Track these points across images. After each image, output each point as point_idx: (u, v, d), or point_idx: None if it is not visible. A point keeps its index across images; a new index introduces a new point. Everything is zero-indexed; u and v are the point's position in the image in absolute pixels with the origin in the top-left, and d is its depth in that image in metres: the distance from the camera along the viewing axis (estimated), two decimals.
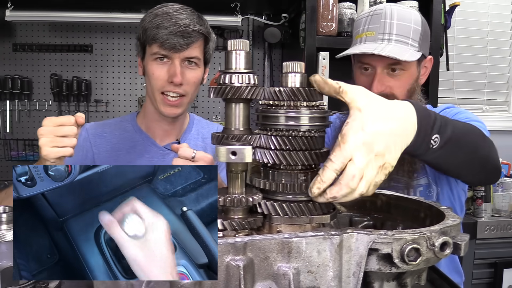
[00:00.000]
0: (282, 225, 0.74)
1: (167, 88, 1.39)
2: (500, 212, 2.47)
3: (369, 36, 1.37)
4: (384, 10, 1.37)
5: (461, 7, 2.73)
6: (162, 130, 1.52)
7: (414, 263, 0.65)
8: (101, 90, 2.98)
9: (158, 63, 1.39)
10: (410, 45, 1.34)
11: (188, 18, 1.38)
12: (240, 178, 0.75)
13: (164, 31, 1.34)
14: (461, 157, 0.97)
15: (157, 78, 1.39)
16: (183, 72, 1.39)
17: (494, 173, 1.20)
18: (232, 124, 0.75)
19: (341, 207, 0.91)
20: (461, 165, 1.02)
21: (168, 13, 1.37)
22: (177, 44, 1.35)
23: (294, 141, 0.72)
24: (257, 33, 3.01)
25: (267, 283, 0.65)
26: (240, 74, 0.73)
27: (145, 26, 1.38)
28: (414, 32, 1.36)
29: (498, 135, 3.16)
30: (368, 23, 1.39)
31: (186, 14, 1.39)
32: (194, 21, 1.39)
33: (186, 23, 1.36)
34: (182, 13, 1.38)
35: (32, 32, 2.89)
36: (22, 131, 2.93)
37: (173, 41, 1.34)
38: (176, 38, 1.34)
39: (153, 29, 1.35)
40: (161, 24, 1.34)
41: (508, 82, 3.33)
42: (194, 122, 1.63)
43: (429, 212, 0.83)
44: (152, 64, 1.39)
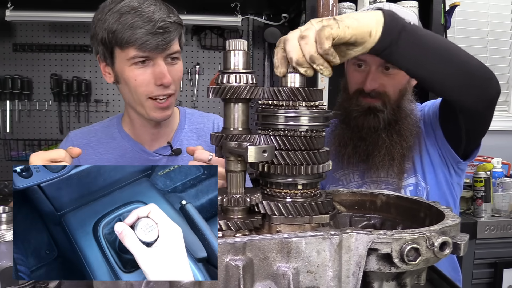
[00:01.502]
0: (282, 225, 0.74)
1: (156, 93, 1.23)
2: (500, 212, 2.47)
3: None
4: (383, 8, 1.37)
5: (461, 7, 2.73)
6: (149, 135, 1.37)
7: (414, 263, 0.65)
8: (101, 90, 2.98)
9: (139, 67, 1.21)
10: None
11: (160, 11, 1.19)
12: (240, 178, 0.75)
13: (140, 31, 1.15)
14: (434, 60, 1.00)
15: (141, 84, 1.21)
16: (169, 70, 1.23)
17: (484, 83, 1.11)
18: (231, 124, 0.76)
19: (341, 207, 0.91)
20: (436, 71, 1.03)
21: (136, 8, 1.17)
22: (160, 44, 1.17)
23: (293, 141, 0.72)
24: (257, 33, 3.01)
25: (267, 283, 0.65)
26: (238, 74, 0.73)
27: (111, 28, 1.18)
28: None
29: (498, 135, 3.17)
30: None
31: (154, 6, 1.19)
32: (165, 11, 1.20)
33: (161, 17, 1.17)
34: (150, 5, 1.18)
35: (32, 32, 2.89)
36: (22, 131, 2.93)
37: (154, 41, 1.16)
38: (156, 37, 1.16)
39: (125, 30, 1.16)
40: (134, 23, 1.15)
41: (508, 82, 3.33)
42: (186, 118, 1.46)
43: (428, 212, 0.83)
44: (132, 70, 1.21)
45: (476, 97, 1.13)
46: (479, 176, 2.42)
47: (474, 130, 1.29)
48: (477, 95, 1.12)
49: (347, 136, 1.41)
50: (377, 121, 1.35)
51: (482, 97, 1.14)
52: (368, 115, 1.35)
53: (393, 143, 1.36)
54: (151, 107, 1.25)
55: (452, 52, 1.04)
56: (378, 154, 1.36)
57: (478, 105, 1.16)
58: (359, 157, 1.40)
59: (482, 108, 1.18)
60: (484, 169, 2.52)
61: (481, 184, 2.41)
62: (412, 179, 1.41)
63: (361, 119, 1.36)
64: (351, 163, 1.42)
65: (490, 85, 1.13)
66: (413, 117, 1.40)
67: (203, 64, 3.03)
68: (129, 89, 1.24)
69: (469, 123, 1.26)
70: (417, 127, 1.41)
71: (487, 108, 1.19)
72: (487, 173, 2.46)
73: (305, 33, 0.78)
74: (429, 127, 1.41)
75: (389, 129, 1.36)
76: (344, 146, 1.41)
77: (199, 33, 2.96)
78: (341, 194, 0.93)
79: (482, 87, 1.12)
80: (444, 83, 1.07)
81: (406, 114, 1.38)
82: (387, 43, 0.90)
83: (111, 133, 1.41)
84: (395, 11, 1.35)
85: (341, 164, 1.45)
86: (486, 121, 1.25)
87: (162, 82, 1.21)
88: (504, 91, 3.32)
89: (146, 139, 1.38)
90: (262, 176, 0.78)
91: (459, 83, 1.08)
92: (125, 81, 1.23)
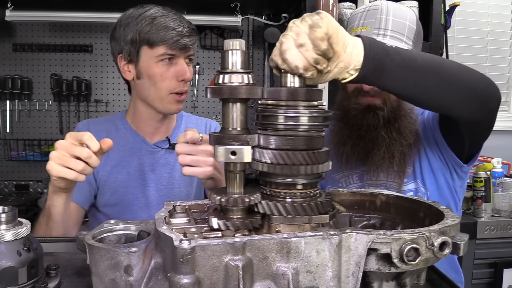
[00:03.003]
0: (281, 225, 0.74)
1: (178, 88, 1.40)
2: (500, 212, 2.46)
3: (364, 31, 1.36)
4: (381, 6, 1.36)
5: (461, 7, 2.73)
6: (152, 128, 1.51)
7: (413, 263, 0.65)
8: (101, 90, 2.98)
9: (165, 64, 1.38)
10: (405, 43, 1.34)
11: (182, 19, 1.41)
12: (239, 178, 0.75)
13: (173, 32, 1.35)
14: (424, 79, 0.96)
15: (166, 79, 1.38)
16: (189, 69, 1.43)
17: (483, 94, 1.07)
18: (230, 124, 0.75)
19: (340, 207, 0.91)
20: (428, 90, 0.99)
21: (166, 14, 1.39)
22: (187, 44, 1.38)
23: (293, 141, 0.72)
24: (257, 33, 3.01)
25: (266, 283, 0.65)
26: (236, 74, 0.73)
27: (144, 29, 1.36)
28: (409, 30, 1.35)
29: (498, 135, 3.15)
30: (363, 18, 1.38)
31: (176, 15, 1.41)
32: (185, 20, 1.42)
33: (186, 23, 1.40)
34: (174, 14, 1.41)
35: (32, 32, 2.90)
36: (22, 131, 2.94)
37: (184, 41, 1.36)
38: (184, 38, 1.37)
39: (159, 31, 1.35)
40: (168, 25, 1.36)
41: (508, 82, 3.33)
42: (183, 119, 1.62)
43: (428, 211, 0.83)
44: (158, 66, 1.38)
45: (476, 110, 1.09)
46: (479, 176, 2.42)
47: (477, 137, 1.26)
48: (476, 108, 1.09)
49: (346, 134, 1.40)
50: (376, 119, 1.34)
51: (482, 108, 1.10)
52: (367, 113, 1.34)
53: (393, 141, 1.34)
54: (171, 100, 1.41)
55: (444, 69, 1.00)
56: (378, 152, 1.35)
57: (478, 116, 1.12)
58: (358, 155, 1.39)
59: (483, 118, 1.14)
60: (484, 169, 2.51)
61: (481, 184, 2.41)
62: (412, 184, 1.40)
63: (360, 117, 1.35)
64: (350, 162, 1.41)
65: (490, 95, 1.10)
66: (413, 115, 1.39)
67: (203, 64, 3.03)
68: (151, 84, 1.40)
69: (472, 133, 1.23)
70: (416, 125, 1.40)
71: (489, 117, 1.15)
72: (487, 173, 2.46)
73: (302, 40, 0.76)
74: (429, 132, 1.39)
75: (389, 126, 1.35)
76: (343, 145, 1.40)
77: (199, 33, 2.95)
78: (340, 194, 0.93)
79: (481, 99, 1.08)
80: (439, 100, 1.03)
81: (405, 112, 1.37)
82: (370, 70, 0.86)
83: (115, 125, 1.54)
84: (394, 9, 1.36)
85: (340, 164, 1.43)
86: (489, 127, 1.22)
87: (184, 78, 1.39)
88: (504, 91, 3.32)
89: (147, 132, 1.52)
90: (262, 176, 0.78)
91: (455, 98, 1.04)
92: (150, 76, 1.39)
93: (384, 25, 1.33)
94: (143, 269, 0.68)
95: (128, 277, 0.68)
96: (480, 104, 1.09)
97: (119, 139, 1.48)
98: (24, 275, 0.72)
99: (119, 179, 1.46)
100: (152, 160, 1.50)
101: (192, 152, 1.13)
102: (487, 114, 1.14)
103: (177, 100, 1.42)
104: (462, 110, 1.09)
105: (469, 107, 1.08)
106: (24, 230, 0.73)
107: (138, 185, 1.47)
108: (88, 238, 0.74)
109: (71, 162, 1.01)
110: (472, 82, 1.06)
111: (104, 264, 0.69)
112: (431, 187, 1.39)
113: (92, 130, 1.45)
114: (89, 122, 1.59)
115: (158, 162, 1.51)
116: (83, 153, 1.01)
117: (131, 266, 0.68)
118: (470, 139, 1.27)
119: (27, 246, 0.73)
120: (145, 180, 1.48)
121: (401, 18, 1.34)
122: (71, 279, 0.83)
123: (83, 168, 1.02)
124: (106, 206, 1.47)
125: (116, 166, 1.47)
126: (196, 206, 0.85)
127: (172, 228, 0.69)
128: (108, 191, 1.46)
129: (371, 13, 1.37)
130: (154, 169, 1.49)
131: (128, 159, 1.49)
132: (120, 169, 1.47)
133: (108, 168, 1.46)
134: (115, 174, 1.46)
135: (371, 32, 1.33)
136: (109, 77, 2.97)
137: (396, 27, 1.33)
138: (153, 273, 0.68)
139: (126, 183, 1.46)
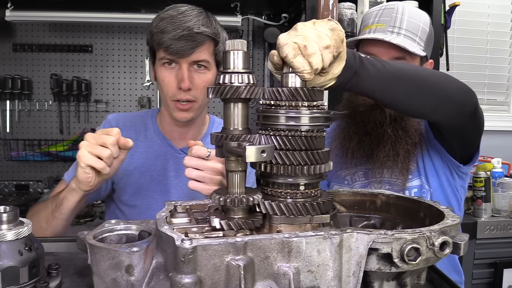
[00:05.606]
0: (282, 224, 0.74)
1: (178, 96, 1.34)
2: (500, 212, 2.47)
3: (379, 28, 1.39)
4: (397, 6, 1.41)
5: (461, 7, 2.73)
6: (177, 133, 1.49)
7: (414, 262, 0.65)
8: (101, 90, 2.98)
9: (166, 68, 1.35)
10: (417, 43, 1.37)
11: (193, 20, 1.31)
12: (240, 178, 0.75)
13: (167, 35, 1.29)
14: (399, 87, 1.00)
15: (167, 85, 1.35)
16: (191, 76, 1.34)
17: (459, 102, 1.11)
18: (231, 124, 0.76)
19: (341, 207, 0.92)
20: (408, 96, 1.03)
21: (173, 16, 1.32)
22: (181, 49, 1.30)
23: (294, 141, 0.73)
24: (257, 33, 3.01)
25: (267, 283, 0.65)
26: (238, 74, 0.73)
27: (152, 31, 1.35)
28: (422, 32, 1.38)
29: (498, 135, 3.16)
30: (379, 16, 1.42)
31: (192, 16, 1.32)
32: (200, 22, 1.32)
33: (190, 26, 1.30)
34: (187, 15, 1.32)
35: (32, 32, 2.89)
36: (22, 131, 2.93)
37: (177, 45, 1.29)
38: (180, 42, 1.29)
39: (158, 33, 1.32)
40: (165, 29, 1.30)
41: (508, 82, 3.33)
42: (214, 126, 1.57)
43: (428, 211, 0.83)
44: (161, 70, 1.36)
45: (452, 115, 1.14)
46: (479, 176, 2.43)
47: (465, 140, 1.29)
48: (452, 114, 1.13)
49: (352, 130, 1.42)
50: (383, 116, 1.35)
51: (459, 114, 1.14)
52: (374, 110, 1.36)
53: (398, 139, 1.36)
54: (173, 107, 1.37)
55: (417, 76, 1.05)
56: (383, 149, 1.36)
57: (456, 122, 1.17)
58: (363, 151, 1.40)
59: (463, 123, 1.19)
60: (484, 169, 2.52)
61: (481, 184, 2.42)
62: (416, 181, 1.41)
63: (367, 113, 1.36)
64: (355, 157, 1.42)
65: (463, 101, 1.13)
66: None
67: None
68: (160, 87, 1.40)
69: (457, 137, 1.27)
70: (421, 125, 1.42)
71: (467, 122, 1.19)
72: (487, 173, 2.47)
73: (326, 42, 0.77)
74: (429, 133, 1.42)
75: (395, 124, 1.37)
76: (349, 140, 1.42)
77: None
78: (341, 194, 0.94)
79: (456, 105, 1.12)
80: (413, 106, 1.08)
81: None
82: (349, 76, 0.89)
83: (145, 123, 1.52)
84: (409, 10, 1.39)
85: (345, 159, 1.44)
86: (477, 131, 1.26)
87: (180, 85, 1.32)
88: (504, 91, 3.32)
89: (174, 137, 1.50)
90: (263, 176, 0.78)
91: (430, 104, 1.08)
92: (158, 79, 1.39)
93: (399, 24, 1.36)
94: (144, 269, 0.69)
95: (129, 277, 0.68)
96: (456, 110, 1.13)
97: (147, 140, 1.48)
98: (26, 274, 0.72)
99: (142, 181, 1.45)
100: (177, 166, 1.45)
101: (199, 167, 1.10)
102: (467, 119, 1.18)
103: (180, 109, 1.36)
104: (438, 115, 1.13)
105: (445, 113, 1.12)
106: (25, 229, 0.73)
107: (159, 190, 1.45)
108: (89, 238, 0.74)
109: (99, 149, 1.05)
110: (447, 89, 1.09)
111: (105, 264, 0.69)
112: (434, 184, 1.41)
113: (121, 125, 1.49)
114: (118, 116, 1.56)
115: (182, 168, 1.43)
116: (109, 140, 1.06)
117: (132, 266, 0.68)
118: (459, 142, 1.30)
119: (28, 245, 0.73)
120: (167, 186, 1.45)
121: (415, 19, 1.38)
122: (72, 279, 0.83)
123: (109, 156, 1.05)
124: (126, 206, 1.46)
125: (140, 167, 1.45)
126: (197, 206, 0.85)
127: (174, 228, 0.70)
128: (129, 191, 1.45)
129: (387, 11, 1.40)
130: (178, 175, 1.45)
131: (152, 161, 1.47)
132: (143, 171, 1.45)
133: (132, 168, 1.44)
134: (138, 175, 1.45)
135: (386, 29, 1.37)
136: (109, 77, 2.97)
137: (410, 27, 1.36)
138: (154, 273, 0.68)
139: (148, 187, 1.45)
